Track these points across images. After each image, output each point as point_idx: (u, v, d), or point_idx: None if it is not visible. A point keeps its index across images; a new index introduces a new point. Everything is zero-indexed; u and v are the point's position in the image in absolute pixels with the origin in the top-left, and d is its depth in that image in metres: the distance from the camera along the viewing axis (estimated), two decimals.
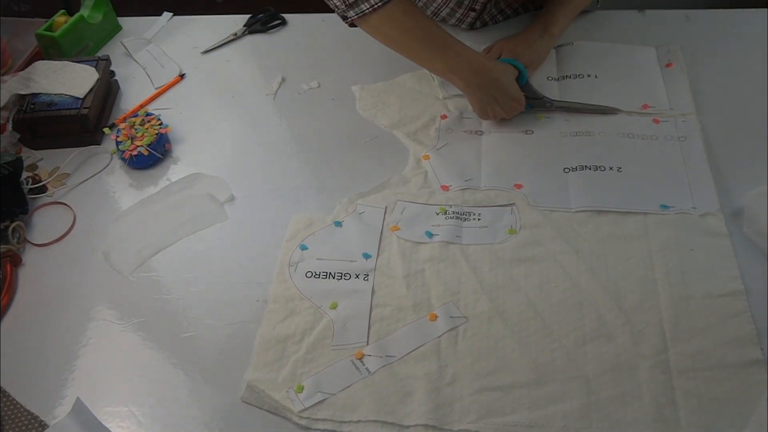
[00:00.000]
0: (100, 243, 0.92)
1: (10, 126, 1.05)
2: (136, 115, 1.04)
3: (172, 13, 1.31)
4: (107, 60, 1.13)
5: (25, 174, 1.00)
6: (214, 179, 0.98)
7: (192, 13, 1.32)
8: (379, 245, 0.87)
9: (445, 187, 0.93)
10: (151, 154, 1.00)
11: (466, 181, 0.94)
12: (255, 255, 0.88)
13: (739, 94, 1.03)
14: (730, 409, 0.69)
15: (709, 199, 0.88)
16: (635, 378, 0.72)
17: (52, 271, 0.89)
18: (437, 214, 0.90)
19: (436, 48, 0.95)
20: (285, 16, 1.27)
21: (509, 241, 0.86)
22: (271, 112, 1.10)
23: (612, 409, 0.70)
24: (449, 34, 0.95)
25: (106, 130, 1.07)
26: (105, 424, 0.73)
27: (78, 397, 0.74)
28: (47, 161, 1.04)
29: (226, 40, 1.24)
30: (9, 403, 0.75)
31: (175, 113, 1.10)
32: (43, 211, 0.97)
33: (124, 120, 1.04)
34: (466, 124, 1.03)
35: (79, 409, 0.73)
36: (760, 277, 0.80)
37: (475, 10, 1.14)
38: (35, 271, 0.90)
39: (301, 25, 1.26)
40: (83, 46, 1.22)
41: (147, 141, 1.00)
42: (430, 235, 0.87)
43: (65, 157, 1.03)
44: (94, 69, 1.09)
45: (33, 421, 0.74)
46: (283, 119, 1.08)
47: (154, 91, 1.15)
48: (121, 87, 1.17)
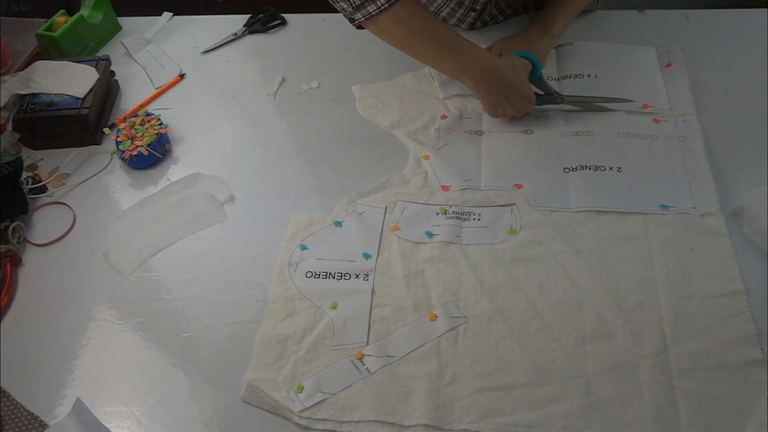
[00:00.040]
0: (100, 243, 0.92)
1: (10, 126, 1.05)
2: (136, 115, 1.04)
3: (172, 13, 1.31)
4: (107, 60, 1.13)
5: (25, 174, 1.00)
6: (214, 179, 0.98)
7: (192, 13, 1.32)
8: (379, 245, 0.87)
9: (445, 187, 0.93)
10: (151, 154, 1.00)
11: (466, 181, 0.94)
12: (255, 255, 0.88)
13: (739, 94, 1.03)
14: (730, 409, 0.69)
15: (709, 199, 0.88)
16: (635, 378, 0.72)
17: (52, 271, 0.89)
18: (437, 214, 0.90)
19: (443, 48, 0.95)
20: (285, 16, 1.27)
21: (509, 241, 0.86)
22: (271, 112, 1.10)
23: (612, 409, 0.70)
24: (457, 34, 0.95)
25: (106, 130, 1.07)
26: (105, 424, 0.73)
27: (78, 397, 0.74)
28: (47, 161, 1.04)
29: (226, 40, 1.24)
30: (9, 403, 0.75)
31: (175, 113, 1.10)
32: (43, 211, 0.97)
33: (124, 120, 1.04)
34: (466, 124, 1.03)
35: (79, 409, 0.73)
36: (760, 277, 0.80)
37: (476, 10, 1.14)
38: (35, 271, 0.90)
39: (301, 25, 1.26)
40: (83, 46, 1.22)
41: (147, 141, 1.00)
42: (430, 235, 0.87)
43: (65, 157, 1.03)
44: (94, 69, 1.09)
45: (33, 421, 0.74)
46: (283, 119, 1.08)
47: (154, 91, 1.15)
48: (121, 87, 1.17)
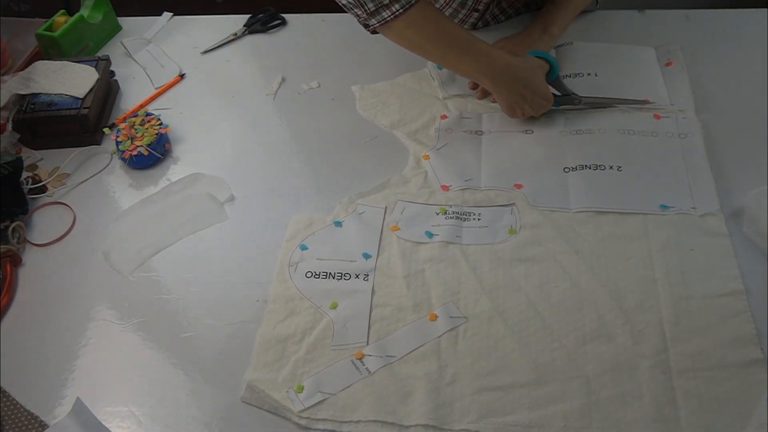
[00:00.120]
0: (100, 243, 0.92)
1: (10, 126, 1.05)
2: (136, 115, 1.04)
3: (172, 13, 1.31)
4: (107, 60, 1.13)
5: (25, 174, 1.00)
6: (214, 179, 0.98)
7: (192, 13, 1.32)
8: (379, 245, 0.87)
9: (445, 187, 0.93)
10: (151, 154, 1.00)
11: (466, 181, 0.94)
12: (255, 255, 0.88)
13: (739, 94, 1.03)
14: (730, 409, 0.69)
15: (709, 199, 0.88)
16: (635, 378, 0.72)
17: (52, 271, 0.89)
18: (437, 214, 0.90)
19: (460, 50, 0.95)
20: (285, 16, 1.27)
21: (509, 241, 0.86)
22: (271, 112, 1.10)
23: (612, 409, 0.70)
24: (472, 35, 0.95)
25: (106, 130, 1.07)
26: (105, 424, 0.73)
27: (78, 397, 0.74)
28: (47, 161, 1.04)
29: (226, 40, 1.24)
30: (9, 403, 0.75)
31: (175, 113, 1.10)
32: (43, 211, 0.97)
33: (124, 120, 1.04)
34: (466, 124, 1.02)
35: (79, 409, 0.73)
36: (760, 277, 0.80)
37: (478, 11, 1.14)
38: (35, 271, 0.90)
39: (301, 25, 1.26)
40: (83, 46, 1.22)
41: (147, 141, 1.00)
42: (430, 235, 0.87)
43: (65, 157, 1.03)
44: (94, 69, 1.09)
45: (33, 421, 0.74)
46: (283, 119, 1.08)
47: (154, 91, 1.15)
48: (121, 87, 1.17)
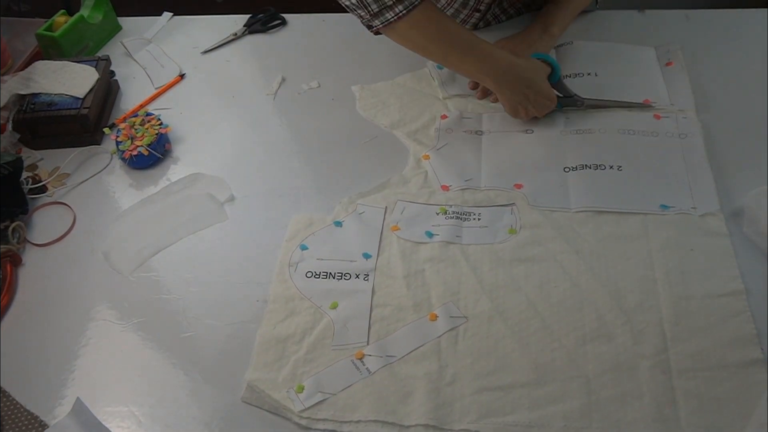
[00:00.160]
0: (100, 243, 0.92)
1: (10, 126, 1.05)
2: (136, 115, 1.04)
3: (172, 13, 1.31)
4: (107, 60, 1.13)
5: (25, 174, 1.00)
6: (214, 179, 0.98)
7: (192, 13, 1.32)
8: (379, 245, 0.87)
9: (445, 187, 0.93)
10: (151, 154, 1.00)
11: (466, 181, 0.94)
12: (255, 255, 0.88)
13: (739, 94, 1.03)
14: (730, 409, 0.69)
15: (709, 199, 0.88)
16: (635, 378, 0.72)
17: (52, 271, 0.89)
18: (437, 214, 0.90)
19: (463, 51, 0.95)
20: (285, 16, 1.27)
21: (509, 241, 0.86)
22: (271, 112, 1.10)
23: (612, 409, 0.70)
24: (475, 35, 0.95)
25: (106, 130, 1.07)
26: (105, 424, 0.73)
27: (78, 397, 0.74)
28: (47, 161, 1.04)
29: (226, 40, 1.24)
30: (9, 403, 0.75)
31: (175, 113, 1.10)
32: (43, 211, 0.97)
33: (124, 120, 1.04)
34: (466, 124, 1.02)
35: (79, 409, 0.73)
36: (760, 277, 0.80)
37: (480, 11, 1.14)
38: (35, 271, 0.90)
39: (301, 25, 1.26)
40: (83, 46, 1.22)
41: (147, 141, 1.00)
42: (430, 235, 0.87)
43: (65, 157, 1.03)
44: (94, 69, 1.09)
45: (33, 421, 0.74)
46: (283, 119, 1.08)
47: (154, 91, 1.15)
48: (121, 87, 1.17)
